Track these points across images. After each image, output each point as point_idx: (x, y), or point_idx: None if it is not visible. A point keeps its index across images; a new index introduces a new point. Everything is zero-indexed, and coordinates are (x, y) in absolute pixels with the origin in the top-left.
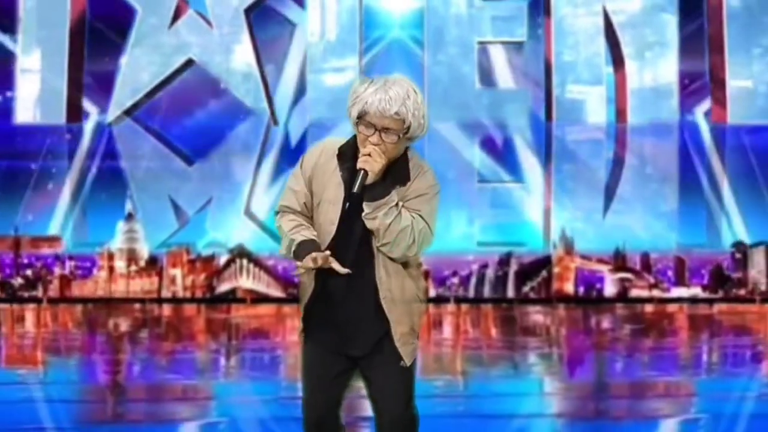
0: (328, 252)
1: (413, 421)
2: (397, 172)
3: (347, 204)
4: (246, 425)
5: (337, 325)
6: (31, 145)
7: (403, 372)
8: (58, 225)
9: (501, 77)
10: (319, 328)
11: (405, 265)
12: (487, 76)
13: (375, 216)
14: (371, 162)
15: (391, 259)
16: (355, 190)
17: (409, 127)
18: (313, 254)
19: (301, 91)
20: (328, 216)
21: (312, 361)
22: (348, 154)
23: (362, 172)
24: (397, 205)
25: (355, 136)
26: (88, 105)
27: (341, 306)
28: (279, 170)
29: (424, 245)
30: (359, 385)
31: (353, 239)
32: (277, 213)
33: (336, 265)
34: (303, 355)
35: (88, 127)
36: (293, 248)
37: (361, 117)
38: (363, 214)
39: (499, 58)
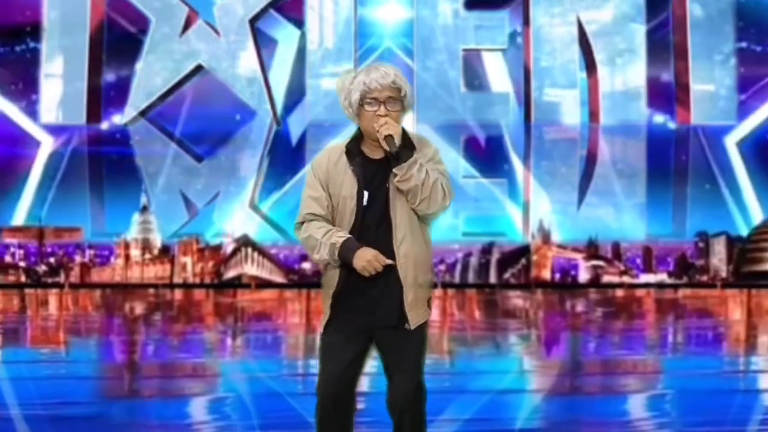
0: (388, 261)
1: (421, 392)
2: (403, 144)
3: (365, 193)
4: (251, 400)
5: (362, 305)
6: (54, 143)
7: (414, 347)
8: (79, 216)
9: (484, 82)
10: (346, 311)
11: (422, 251)
12: (471, 81)
13: (410, 174)
14: (391, 126)
15: (411, 245)
16: (392, 151)
17: (405, 96)
18: (374, 262)
19: (300, 94)
20: (346, 210)
21: (333, 344)
22: (354, 150)
23: (389, 137)
24: (421, 164)
25: (355, 135)
26: (106, 107)
27: (366, 288)
28: (281, 167)
29: (451, 197)
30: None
31: (373, 222)
32: (300, 224)
33: (386, 261)
34: (324, 338)
35: (106, 127)
36: (337, 251)
37: (363, 98)
38: (397, 178)
39: (482, 64)
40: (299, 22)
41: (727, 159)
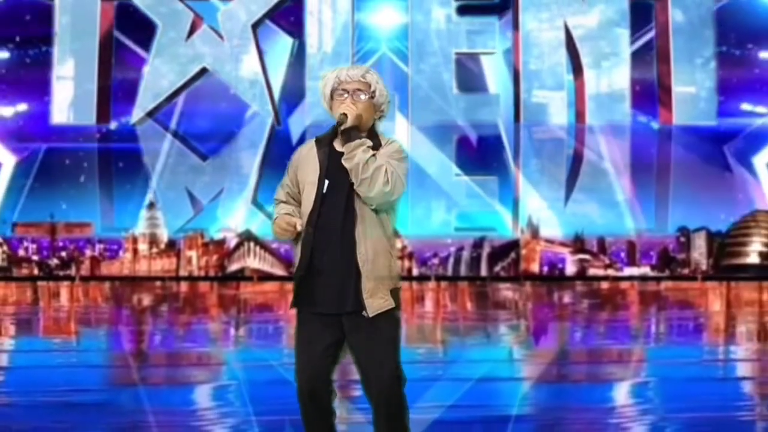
0: (294, 221)
1: (399, 381)
2: (360, 130)
3: (325, 181)
4: (252, 388)
5: (323, 288)
6: (65, 143)
7: (383, 337)
8: (89, 212)
9: (475, 84)
10: (309, 294)
11: (383, 242)
12: (463, 83)
13: (354, 153)
14: (348, 107)
15: (373, 235)
16: (341, 126)
17: (374, 92)
18: (281, 224)
19: (300, 95)
20: (309, 196)
21: (304, 336)
22: (324, 141)
23: (342, 114)
24: (369, 147)
25: (330, 130)
26: (115, 108)
27: (327, 272)
28: (282, 165)
29: (397, 190)
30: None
31: (336, 210)
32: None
33: (297, 221)
34: (297, 330)
35: (115, 127)
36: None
37: (335, 89)
38: (343, 157)
39: (473, 66)
40: (299, 28)
41: (707, 157)
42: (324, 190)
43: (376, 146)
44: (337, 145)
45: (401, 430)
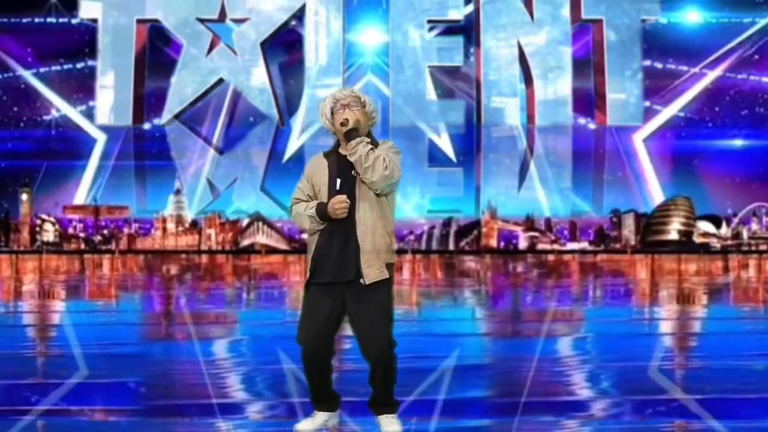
0: (343, 197)
1: (390, 347)
2: (360, 135)
3: (337, 180)
4: (261, 342)
5: (328, 262)
6: (108, 140)
7: (378, 307)
8: (127, 197)
9: (444, 91)
10: (319, 268)
11: (380, 221)
12: (435, 91)
13: (356, 149)
14: (348, 114)
15: (371, 215)
16: (345, 130)
17: (365, 103)
18: (340, 204)
19: (300, 101)
20: (325, 194)
21: (309, 305)
22: (330, 153)
23: (344, 120)
24: (367, 142)
25: (333, 145)
26: (148, 111)
27: (336, 252)
28: (285, 158)
29: (395, 173)
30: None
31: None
32: (291, 207)
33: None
34: (303, 300)
35: (148, 127)
36: (316, 213)
37: (334, 107)
38: (348, 152)
39: (443, 77)
40: (299, 45)
41: (635, 152)
42: (337, 187)
43: (375, 145)
44: (342, 151)
45: (392, 383)
